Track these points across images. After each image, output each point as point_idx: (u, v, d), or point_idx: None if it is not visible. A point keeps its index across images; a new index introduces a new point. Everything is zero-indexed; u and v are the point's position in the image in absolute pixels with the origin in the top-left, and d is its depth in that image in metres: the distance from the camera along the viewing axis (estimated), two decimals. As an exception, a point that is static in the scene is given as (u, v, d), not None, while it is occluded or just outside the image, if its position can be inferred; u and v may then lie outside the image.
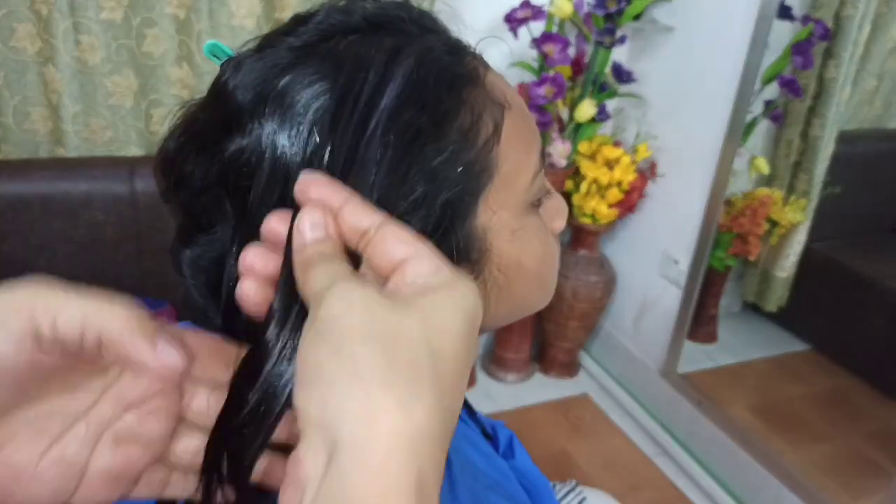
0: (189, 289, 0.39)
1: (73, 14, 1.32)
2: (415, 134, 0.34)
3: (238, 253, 0.34)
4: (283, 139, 0.34)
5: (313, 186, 0.29)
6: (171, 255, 0.39)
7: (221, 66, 0.37)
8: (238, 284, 0.30)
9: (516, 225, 0.40)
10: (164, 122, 1.49)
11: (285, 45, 0.36)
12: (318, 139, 0.33)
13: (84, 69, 1.37)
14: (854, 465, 1.61)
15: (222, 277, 0.37)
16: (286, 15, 1.45)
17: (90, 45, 1.35)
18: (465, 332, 0.26)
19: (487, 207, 0.38)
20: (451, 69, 0.37)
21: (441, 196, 0.35)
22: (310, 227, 0.29)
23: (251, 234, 0.34)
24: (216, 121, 0.36)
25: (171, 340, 0.28)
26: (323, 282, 0.26)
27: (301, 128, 0.34)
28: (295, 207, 0.30)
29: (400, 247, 0.28)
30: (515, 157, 0.39)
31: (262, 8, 1.44)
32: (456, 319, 0.26)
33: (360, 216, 0.29)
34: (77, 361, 0.27)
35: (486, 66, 0.40)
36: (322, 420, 0.23)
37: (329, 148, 0.33)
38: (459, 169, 0.36)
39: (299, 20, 0.38)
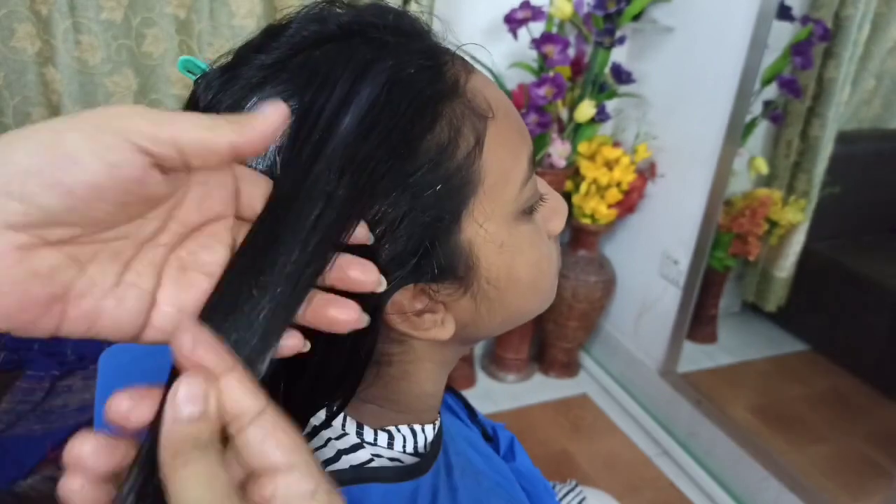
0: None
1: (73, 14, 1.32)
2: (375, 165, 0.31)
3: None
4: (251, 164, 0.33)
5: (193, 346, 0.26)
6: None
7: (195, 82, 0.37)
8: (61, 482, 0.25)
9: (505, 236, 0.38)
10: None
11: (256, 63, 0.35)
12: (275, 162, 0.32)
13: (84, 69, 1.37)
14: (854, 465, 1.61)
15: None
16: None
17: (90, 45, 1.35)
18: None
19: (473, 221, 0.36)
20: (426, 86, 0.34)
21: (419, 215, 0.34)
22: (186, 398, 0.25)
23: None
24: None
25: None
26: (197, 493, 0.24)
27: (268, 153, 0.33)
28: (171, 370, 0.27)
29: (276, 453, 0.25)
30: (500, 168, 0.37)
31: (263, 8, 1.44)
32: None
33: (241, 396, 0.26)
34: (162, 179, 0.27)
35: (469, 70, 0.38)
36: None
37: (280, 175, 0.31)
38: (438, 186, 0.34)
39: (271, 33, 0.36)
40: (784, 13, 1.50)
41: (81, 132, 0.24)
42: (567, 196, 1.81)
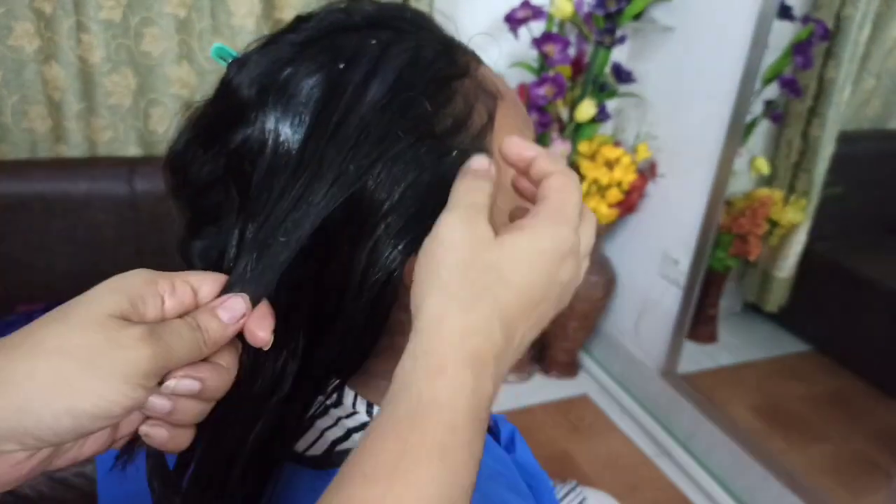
0: None
1: (77, 12, 1.32)
2: (398, 125, 0.36)
3: (241, 235, 0.36)
4: (286, 127, 0.36)
5: (515, 148, 0.37)
6: (180, 250, 0.41)
7: (228, 66, 0.39)
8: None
9: (510, 210, 0.41)
10: (162, 121, 1.49)
11: (287, 41, 0.38)
12: (306, 125, 0.36)
13: (85, 67, 1.37)
14: (854, 465, 1.61)
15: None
16: (285, 14, 1.45)
17: (89, 44, 1.35)
18: (536, 269, 0.33)
19: None
20: (443, 64, 0.39)
21: (435, 181, 0.37)
22: (478, 163, 0.36)
23: (253, 217, 0.35)
24: (222, 115, 0.38)
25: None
26: (467, 199, 0.34)
27: (303, 116, 0.36)
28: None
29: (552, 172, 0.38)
30: None
31: (262, 8, 1.44)
32: (530, 258, 0.33)
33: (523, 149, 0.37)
34: None
35: (480, 62, 0.42)
36: (414, 311, 0.33)
37: (311, 135, 0.35)
38: (454, 153, 0.37)
39: (301, 19, 0.40)
40: (785, 13, 1.50)
41: (77, 363, 0.29)
42: (567, 196, 1.80)
